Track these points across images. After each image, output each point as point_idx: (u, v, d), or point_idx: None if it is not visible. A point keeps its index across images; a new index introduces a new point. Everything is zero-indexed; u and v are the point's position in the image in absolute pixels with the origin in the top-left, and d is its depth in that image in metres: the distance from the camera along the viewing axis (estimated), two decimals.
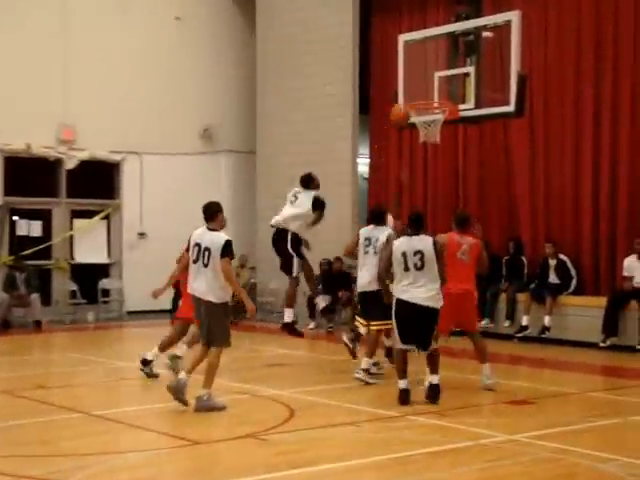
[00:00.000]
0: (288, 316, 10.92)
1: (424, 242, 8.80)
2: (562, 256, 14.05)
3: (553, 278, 14.03)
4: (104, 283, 17.98)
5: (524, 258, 14.67)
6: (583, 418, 8.31)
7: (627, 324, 12.95)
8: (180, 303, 10.48)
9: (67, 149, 17.54)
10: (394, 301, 8.89)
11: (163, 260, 18.00)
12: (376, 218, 10.37)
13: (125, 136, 18.02)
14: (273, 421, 8.02)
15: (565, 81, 14.39)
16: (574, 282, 13.94)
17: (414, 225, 8.96)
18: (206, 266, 8.51)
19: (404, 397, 8.83)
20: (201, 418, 8.37)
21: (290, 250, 10.58)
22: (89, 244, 17.93)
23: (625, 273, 13.22)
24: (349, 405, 8.92)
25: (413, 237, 8.83)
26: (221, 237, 8.59)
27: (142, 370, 10.43)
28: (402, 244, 8.84)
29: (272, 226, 10.84)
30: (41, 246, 17.27)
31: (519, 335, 13.95)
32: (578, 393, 9.76)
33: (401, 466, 6.65)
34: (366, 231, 10.29)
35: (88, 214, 18.05)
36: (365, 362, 10.04)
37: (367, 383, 9.93)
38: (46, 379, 10.80)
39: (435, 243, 8.85)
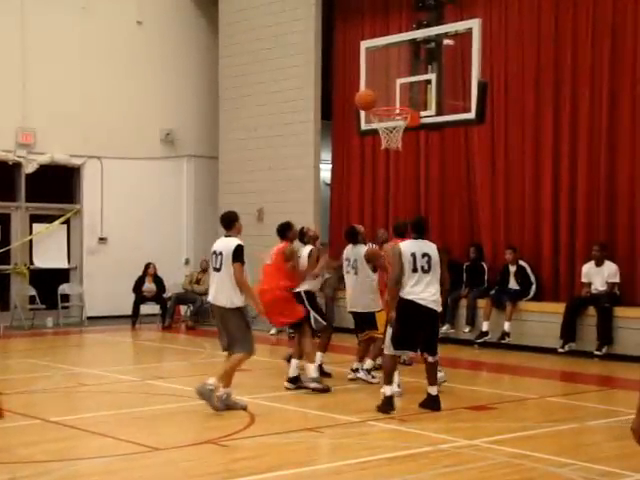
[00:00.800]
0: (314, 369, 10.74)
1: (430, 246, 8.86)
2: (522, 262, 14.19)
3: (513, 284, 14.16)
4: (64, 288, 17.82)
5: (484, 264, 14.80)
6: (541, 423, 8.41)
7: (585, 330, 13.10)
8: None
9: (26, 153, 17.38)
10: (397, 303, 8.78)
11: (124, 265, 18.03)
12: (349, 238, 10.69)
13: (86, 140, 17.89)
14: (233, 427, 8.01)
15: (525, 88, 14.55)
16: (533, 288, 14.08)
17: (418, 229, 8.98)
18: (218, 270, 8.67)
19: (390, 404, 8.69)
20: (160, 424, 8.35)
21: (308, 307, 10.78)
22: (49, 249, 17.77)
23: (583, 279, 13.38)
24: (310, 411, 8.94)
25: (419, 240, 8.87)
26: (233, 242, 8.69)
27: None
28: (411, 245, 8.83)
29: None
30: (0, 251, 17.10)
31: (479, 341, 14.06)
32: (537, 398, 9.86)
33: (360, 471, 6.68)
34: (346, 251, 10.75)
35: (48, 219, 17.90)
36: (369, 363, 10.45)
37: (370, 382, 10.20)
38: (4, 385, 10.66)
39: (438, 248, 8.93)
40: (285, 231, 10.54)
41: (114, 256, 18.25)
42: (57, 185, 18.21)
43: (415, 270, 8.69)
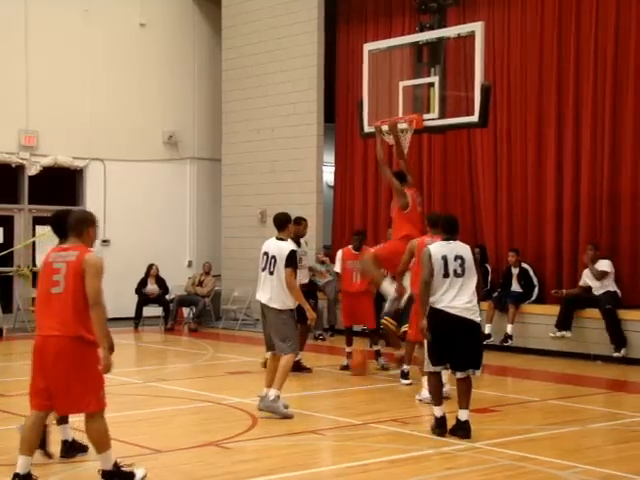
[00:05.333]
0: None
1: (463, 247, 8.10)
2: (525, 265, 14.19)
3: (516, 287, 14.16)
4: None
5: (488, 266, 14.80)
6: (543, 426, 8.42)
7: (586, 332, 13.09)
8: None
9: (29, 155, 17.42)
10: (427, 311, 7.99)
11: (127, 267, 18.04)
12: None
13: (88, 142, 17.94)
14: (235, 429, 8.04)
15: (528, 91, 14.56)
16: (536, 291, 14.09)
17: (449, 229, 8.20)
18: (272, 274, 8.78)
19: (442, 425, 7.83)
20: (163, 426, 8.37)
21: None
22: None
23: (580, 283, 13.41)
24: (312, 413, 8.95)
25: (450, 242, 8.09)
26: (287, 246, 8.83)
27: None
28: (442, 247, 8.01)
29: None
30: (3, 253, 17.12)
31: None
32: (539, 401, 9.86)
33: (362, 474, 6.69)
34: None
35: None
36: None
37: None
38: (7, 387, 10.73)
39: (473, 249, 8.25)
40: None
41: (117, 258, 18.19)
42: (60, 187, 18.23)
43: (446, 275, 7.87)
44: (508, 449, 7.34)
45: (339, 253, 12.56)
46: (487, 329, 14.01)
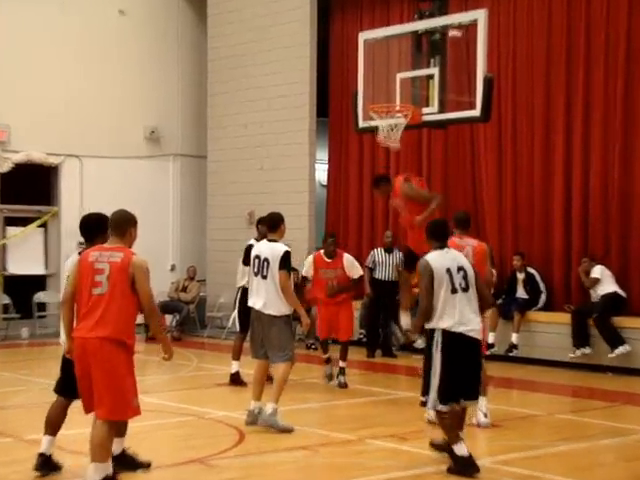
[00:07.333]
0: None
1: (460, 256, 7.45)
2: (531, 269, 14.21)
3: (521, 293, 14.18)
4: (40, 296, 17.81)
5: (494, 270, 14.80)
6: (551, 442, 8.44)
7: (594, 340, 13.14)
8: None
9: (0, 151, 17.39)
10: (439, 335, 7.14)
11: None
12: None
13: (64, 138, 17.90)
14: (222, 445, 8.04)
15: (534, 83, 14.60)
16: (543, 297, 14.11)
17: (440, 236, 7.51)
18: (265, 278, 8.80)
19: (464, 465, 7.09)
20: (144, 442, 8.35)
21: (237, 303, 11.76)
22: (24, 254, 17.76)
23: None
24: (302, 428, 8.93)
25: (447, 251, 7.41)
26: (280, 247, 8.86)
27: None
28: (442, 259, 7.26)
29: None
30: None
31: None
32: (545, 415, 9.89)
33: None
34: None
35: (23, 221, 17.90)
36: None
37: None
38: None
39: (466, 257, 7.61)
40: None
41: None
42: (33, 185, 18.21)
43: (455, 290, 7.16)
44: (513, 466, 7.35)
45: (310, 258, 12.05)
46: (491, 338, 14.01)
